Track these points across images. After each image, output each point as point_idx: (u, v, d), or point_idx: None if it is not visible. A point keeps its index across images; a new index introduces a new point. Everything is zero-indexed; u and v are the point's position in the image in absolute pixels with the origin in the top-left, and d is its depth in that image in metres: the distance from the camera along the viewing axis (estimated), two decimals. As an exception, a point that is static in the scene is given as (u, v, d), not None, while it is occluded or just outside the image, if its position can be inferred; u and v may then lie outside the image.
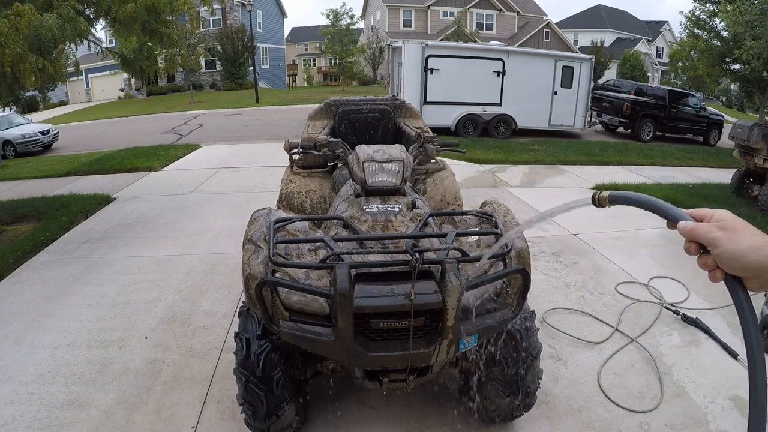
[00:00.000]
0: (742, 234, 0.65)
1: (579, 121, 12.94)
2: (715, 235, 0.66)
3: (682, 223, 0.70)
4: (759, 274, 0.64)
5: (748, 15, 9.98)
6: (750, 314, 0.64)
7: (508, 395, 2.13)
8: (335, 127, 3.62)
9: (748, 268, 0.64)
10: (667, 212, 0.72)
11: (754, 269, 0.64)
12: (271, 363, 1.95)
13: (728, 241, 0.65)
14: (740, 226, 0.67)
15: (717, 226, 0.67)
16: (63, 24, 4.76)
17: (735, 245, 0.64)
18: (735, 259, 0.65)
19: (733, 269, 0.66)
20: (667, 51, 35.29)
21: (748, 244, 0.64)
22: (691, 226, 0.69)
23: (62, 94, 30.41)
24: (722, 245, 0.65)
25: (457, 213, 2.20)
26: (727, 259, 0.65)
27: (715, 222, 0.68)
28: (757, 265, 0.63)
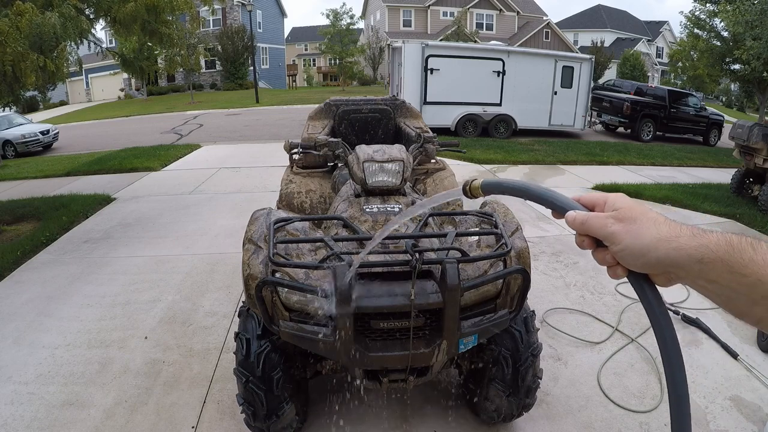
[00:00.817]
0: (644, 225, 0.55)
1: (579, 121, 12.95)
2: (612, 229, 0.56)
3: (571, 214, 0.59)
4: (667, 269, 0.54)
5: (748, 15, 9.98)
6: (662, 314, 0.56)
7: (508, 395, 2.13)
8: (335, 127, 3.62)
9: (653, 264, 0.54)
10: (551, 201, 0.62)
11: (660, 265, 0.54)
12: (271, 363, 1.95)
13: (628, 235, 0.55)
14: (640, 214, 0.56)
15: (613, 216, 0.57)
16: (64, 22, 4.76)
17: (637, 240, 0.54)
18: (638, 255, 0.55)
19: (636, 266, 0.56)
20: (667, 51, 35.28)
21: (652, 236, 0.54)
22: (582, 218, 0.58)
23: (62, 94, 30.41)
24: (621, 241, 0.55)
25: (457, 213, 2.19)
26: (628, 256, 0.56)
27: (610, 211, 0.58)
28: (663, 260, 0.53)
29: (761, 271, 0.48)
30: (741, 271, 0.49)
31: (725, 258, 0.50)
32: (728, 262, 0.50)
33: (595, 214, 0.58)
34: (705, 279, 0.52)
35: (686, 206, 6.28)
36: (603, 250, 0.58)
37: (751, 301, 0.49)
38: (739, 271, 0.49)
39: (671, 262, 0.53)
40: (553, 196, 0.62)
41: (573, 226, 0.59)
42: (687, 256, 0.52)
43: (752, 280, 0.48)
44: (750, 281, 0.49)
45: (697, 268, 0.52)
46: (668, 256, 0.53)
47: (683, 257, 0.52)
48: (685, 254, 0.52)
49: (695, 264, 0.52)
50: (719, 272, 0.50)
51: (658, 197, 6.64)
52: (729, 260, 0.50)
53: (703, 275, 0.52)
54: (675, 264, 0.53)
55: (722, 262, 0.50)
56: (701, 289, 0.53)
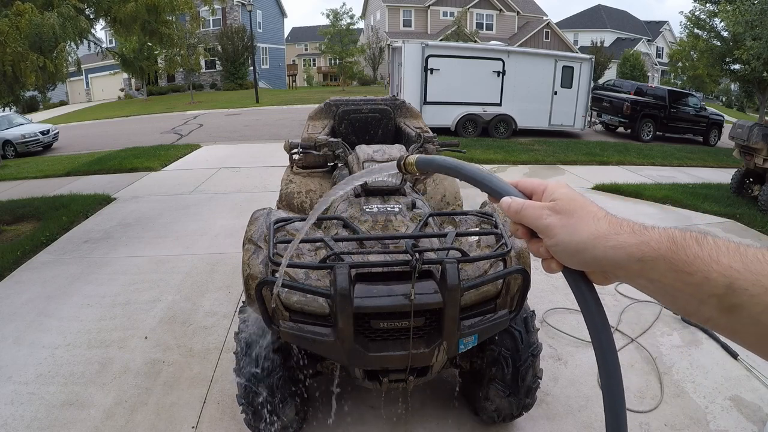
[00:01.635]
0: (582, 219, 0.51)
1: (579, 121, 12.95)
2: (548, 221, 0.53)
3: (506, 200, 0.56)
4: (603, 269, 0.51)
5: (748, 15, 9.99)
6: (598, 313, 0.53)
7: (508, 395, 2.13)
8: (335, 127, 3.62)
9: (590, 262, 0.51)
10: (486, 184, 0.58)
11: (597, 264, 0.51)
12: (271, 363, 1.95)
13: (564, 230, 0.51)
14: (579, 207, 0.52)
15: (550, 207, 0.53)
16: (64, 23, 4.76)
17: (573, 236, 0.51)
18: (573, 252, 0.51)
19: (571, 263, 0.53)
20: (667, 51, 35.28)
21: (589, 232, 0.50)
22: (517, 207, 0.55)
23: (62, 94, 30.41)
24: (556, 234, 0.52)
25: (457, 213, 2.20)
26: (562, 252, 0.52)
27: (548, 200, 0.54)
28: (601, 259, 0.50)
29: (707, 267, 0.44)
30: (685, 269, 0.45)
31: (668, 255, 0.46)
32: (671, 260, 0.46)
33: (532, 203, 0.55)
34: (646, 278, 0.48)
35: (686, 206, 6.27)
36: (537, 241, 0.55)
37: (698, 300, 0.45)
38: (683, 269, 0.45)
39: (609, 261, 0.49)
40: (489, 179, 0.58)
41: (507, 213, 0.56)
42: (626, 255, 0.48)
43: (698, 279, 0.45)
44: (695, 280, 0.45)
45: (637, 267, 0.48)
46: (606, 254, 0.49)
47: (622, 256, 0.48)
48: (624, 253, 0.48)
49: (635, 263, 0.48)
50: (662, 271, 0.47)
51: (658, 197, 6.64)
52: (672, 258, 0.46)
53: (644, 274, 0.48)
54: (613, 263, 0.49)
55: (664, 260, 0.46)
56: (643, 288, 0.50)
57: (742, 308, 0.43)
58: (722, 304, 0.44)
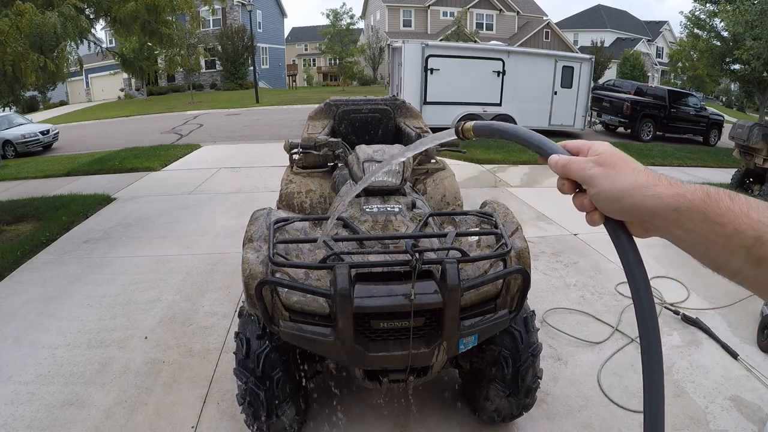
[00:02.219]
0: (622, 171, 0.55)
1: (579, 121, 12.95)
2: (591, 172, 0.56)
3: (554, 158, 0.60)
4: (642, 218, 0.54)
5: (748, 15, 9.99)
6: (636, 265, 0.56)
7: (508, 395, 2.13)
8: (335, 127, 3.62)
9: (629, 210, 0.54)
10: (537, 144, 0.62)
11: (635, 212, 0.54)
12: (271, 363, 1.95)
13: (606, 179, 0.55)
14: (620, 161, 0.56)
15: (593, 161, 0.57)
16: (64, 22, 4.76)
17: (614, 184, 0.54)
18: (613, 200, 0.55)
19: (611, 212, 0.56)
20: (667, 51, 35.27)
21: (629, 182, 0.54)
22: (564, 161, 0.59)
23: (62, 94, 30.41)
24: (599, 184, 0.55)
25: (457, 213, 2.20)
26: (604, 200, 0.56)
27: (593, 156, 0.58)
28: (639, 208, 0.53)
29: (738, 220, 0.47)
30: (717, 221, 0.48)
31: (701, 207, 0.49)
32: (704, 211, 0.49)
33: (576, 158, 0.59)
34: (681, 228, 0.51)
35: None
36: (582, 194, 0.59)
37: (729, 252, 0.48)
38: (716, 220, 0.48)
39: (647, 210, 0.53)
40: (540, 140, 0.62)
41: (555, 169, 0.60)
42: (663, 205, 0.51)
43: (729, 230, 0.47)
44: (726, 231, 0.48)
45: (673, 217, 0.51)
46: (644, 203, 0.53)
47: (659, 205, 0.52)
48: (661, 202, 0.51)
49: (671, 212, 0.51)
50: (695, 221, 0.50)
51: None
52: (705, 209, 0.49)
53: (680, 224, 0.51)
54: (651, 212, 0.53)
55: (698, 211, 0.49)
56: (677, 240, 0.53)
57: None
58: (750, 255, 0.47)
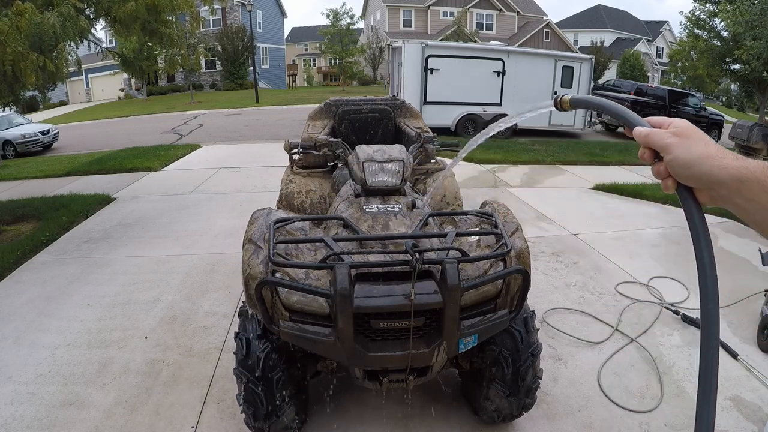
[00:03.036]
0: (696, 142, 0.62)
1: (579, 121, 12.95)
2: (669, 141, 0.64)
3: (638, 129, 0.68)
4: (709, 185, 0.61)
5: (748, 15, 9.99)
6: (702, 228, 0.62)
7: (508, 395, 2.13)
8: (335, 127, 3.62)
9: (698, 177, 0.62)
10: (625, 117, 0.71)
11: (704, 180, 0.61)
12: (271, 363, 1.95)
13: (680, 148, 0.63)
14: (695, 134, 0.64)
15: (672, 132, 0.65)
16: (64, 22, 4.76)
17: (687, 152, 0.62)
18: (686, 166, 0.62)
19: (683, 178, 0.63)
20: (667, 51, 35.29)
21: (700, 152, 0.61)
22: (646, 132, 0.67)
23: (62, 94, 30.41)
24: (674, 151, 0.63)
25: (457, 213, 2.20)
26: (678, 166, 0.63)
27: (672, 129, 0.66)
28: (707, 176, 0.60)
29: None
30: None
31: (762, 178, 0.57)
32: (763, 182, 0.57)
33: (657, 129, 0.67)
34: (742, 197, 0.59)
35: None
36: (659, 163, 0.66)
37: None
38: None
39: (715, 178, 0.60)
40: (626, 113, 0.71)
41: (638, 139, 0.68)
42: (728, 174, 0.59)
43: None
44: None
45: (735, 186, 0.59)
46: (712, 172, 0.60)
47: (725, 175, 0.59)
48: (726, 172, 0.59)
49: (735, 182, 0.59)
50: (755, 191, 0.57)
51: (659, 197, 6.64)
52: (765, 180, 0.57)
53: (741, 193, 0.59)
54: (718, 180, 0.60)
55: (758, 182, 0.57)
56: (738, 208, 0.60)
57: None
58: None
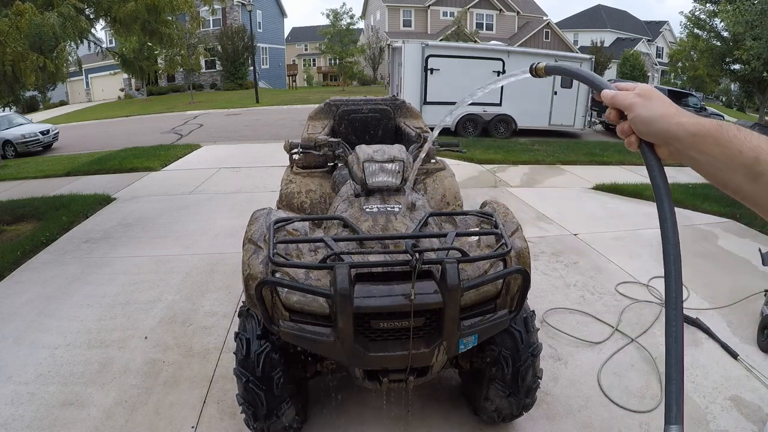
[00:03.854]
0: (656, 102, 0.68)
1: (579, 121, 12.94)
2: (632, 101, 0.70)
3: (606, 91, 0.74)
4: (667, 141, 0.67)
5: (748, 15, 9.99)
6: (661, 180, 0.68)
7: (508, 395, 2.13)
8: (335, 127, 3.62)
9: (657, 133, 0.68)
10: (594, 82, 0.78)
11: (662, 136, 0.67)
12: (271, 363, 1.95)
13: (642, 107, 0.68)
14: (656, 95, 0.70)
15: (635, 93, 0.71)
16: (64, 22, 4.76)
17: (648, 111, 0.68)
18: (646, 123, 0.68)
19: (644, 134, 0.69)
20: (667, 51, 35.29)
21: (660, 111, 0.67)
22: (613, 93, 0.73)
23: (62, 94, 30.40)
24: (636, 110, 0.69)
25: (457, 213, 2.19)
26: (639, 123, 0.69)
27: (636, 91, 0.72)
28: (665, 132, 0.67)
29: (741, 144, 0.60)
30: (725, 144, 0.61)
31: (714, 133, 0.62)
32: (716, 136, 0.62)
33: (623, 92, 0.72)
34: (697, 150, 0.64)
35: (686, 206, 6.27)
36: (624, 121, 0.72)
37: (732, 170, 0.61)
38: (724, 144, 0.61)
39: (672, 134, 0.66)
40: (595, 78, 0.79)
41: (606, 100, 0.74)
42: (685, 131, 0.65)
43: (734, 151, 0.60)
44: (731, 152, 0.60)
45: (691, 141, 0.64)
46: (670, 128, 0.66)
47: (682, 131, 0.65)
48: (683, 129, 0.65)
49: (690, 137, 0.64)
50: (708, 144, 0.63)
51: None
52: (716, 135, 0.62)
53: (695, 147, 0.64)
54: (675, 136, 0.66)
55: (711, 136, 0.62)
56: (693, 161, 0.66)
57: (764, 176, 0.57)
58: (750, 173, 0.59)
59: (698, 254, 4.70)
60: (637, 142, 0.71)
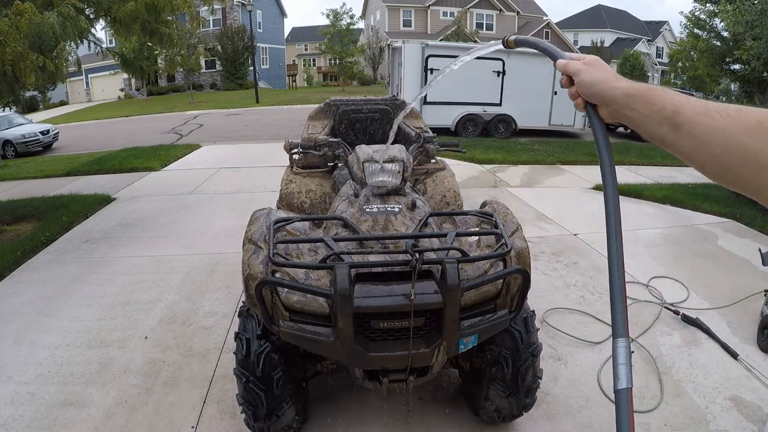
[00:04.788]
0: (598, 69, 0.79)
1: (579, 121, 12.93)
2: (578, 67, 0.81)
3: (560, 60, 0.85)
4: (605, 102, 0.77)
5: (748, 15, 9.98)
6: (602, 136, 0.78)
7: (508, 395, 2.13)
8: (335, 127, 3.62)
9: (597, 95, 0.78)
10: (551, 52, 0.88)
11: (601, 97, 0.78)
12: (271, 363, 1.95)
13: (586, 73, 0.79)
14: (599, 64, 0.81)
15: (583, 62, 0.82)
16: (64, 22, 4.76)
17: (590, 76, 0.79)
18: (588, 86, 0.79)
19: (588, 96, 0.80)
20: (667, 51, 35.27)
21: (600, 76, 0.78)
22: (565, 62, 0.84)
23: (62, 94, 30.41)
24: (581, 75, 0.80)
25: (457, 213, 2.19)
26: (583, 86, 0.79)
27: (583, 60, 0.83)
28: (602, 93, 0.77)
29: (664, 101, 0.69)
30: (652, 102, 0.71)
31: (643, 93, 0.72)
32: (645, 96, 0.72)
33: (573, 61, 0.83)
34: (629, 108, 0.74)
35: (686, 206, 6.27)
36: (573, 86, 0.82)
37: (657, 122, 0.70)
38: (651, 101, 0.71)
39: (609, 96, 0.76)
40: (554, 49, 0.88)
41: (559, 68, 0.85)
42: (620, 92, 0.75)
43: (658, 107, 0.70)
44: (656, 108, 0.70)
45: (624, 101, 0.74)
46: (608, 91, 0.76)
47: (617, 93, 0.75)
48: (619, 91, 0.75)
49: (624, 98, 0.74)
50: (639, 103, 0.72)
51: (658, 197, 6.64)
52: (645, 94, 0.72)
53: (628, 105, 0.74)
54: (611, 97, 0.76)
55: (641, 96, 0.72)
56: (628, 119, 0.75)
57: (682, 126, 0.67)
58: (671, 123, 0.68)
59: (698, 254, 4.70)
60: (583, 104, 0.82)
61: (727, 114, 0.63)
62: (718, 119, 0.63)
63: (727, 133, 0.62)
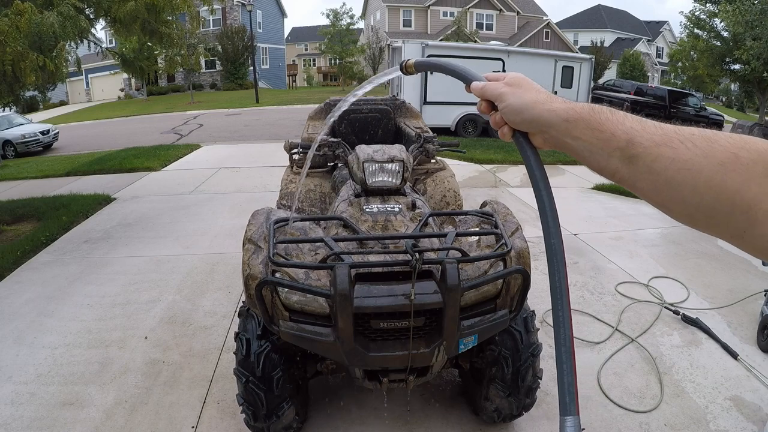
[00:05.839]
0: (527, 90, 0.66)
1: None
2: (502, 90, 0.67)
3: (475, 83, 0.72)
4: (540, 128, 0.64)
5: (748, 15, 9.99)
6: (538, 169, 0.65)
7: (508, 395, 2.13)
8: (335, 127, 3.62)
9: (530, 121, 0.65)
10: (462, 74, 0.75)
11: (535, 123, 0.64)
12: (271, 363, 1.95)
13: (512, 96, 0.66)
14: (526, 83, 0.67)
15: (504, 82, 0.68)
16: (64, 22, 4.76)
17: (518, 99, 0.65)
18: (518, 112, 0.65)
19: (517, 123, 0.67)
20: (667, 51, 35.29)
21: (531, 98, 0.65)
22: (482, 85, 0.70)
23: (62, 94, 30.40)
24: (507, 99, 0.66)
25: (457, 213, 2.19)
26: (510, 112, 0.66)
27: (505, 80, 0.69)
28: (538, 119, 0.64)
29: (614, 127, 0.57)
30: (598, 128, 0.58)
31: (586, 117, 0.60)
32: (588, 121, 0.59)
33: (492, 82, 0.70)
34: (570, 136, 0.61)
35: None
36: (495, 112, 0.69)
37: (607, 153, 0.58)
38: (597, 128, 0.59)
39: (545, 121, 0.63)
40: (464, 70, 0.75)
41: (475, 92, 0.71)
42: (557, 116, 0.62)
43: (607, 135, 0.58)
44: (605, 136, 0.58)
45: (563, 127, 0.61)
46: (542, 116, 0.63)
47: (554, 117, 0.62)
48: (555, 115, 0.62)
49: (563, 123, 0.61)
50: (581, 129, 0.60)
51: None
52: (589, 119, 0.59)
53: (569, 133, 0.61)
54: (547, 123, 0.63)
55: (584, 121, 0.60)
56: (568, 147, 0.63)
57: (639, 158, 0.55)
58: (624, 155, 0.56)
59: (698, 254, 4.70)
60: (511, 133, 0.68)
61: (694, 145, 0.51)
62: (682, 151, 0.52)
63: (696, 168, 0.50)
